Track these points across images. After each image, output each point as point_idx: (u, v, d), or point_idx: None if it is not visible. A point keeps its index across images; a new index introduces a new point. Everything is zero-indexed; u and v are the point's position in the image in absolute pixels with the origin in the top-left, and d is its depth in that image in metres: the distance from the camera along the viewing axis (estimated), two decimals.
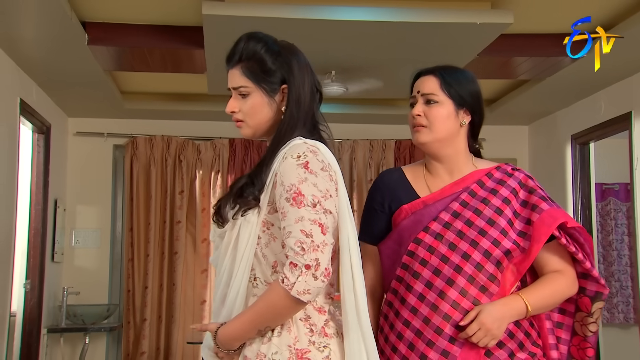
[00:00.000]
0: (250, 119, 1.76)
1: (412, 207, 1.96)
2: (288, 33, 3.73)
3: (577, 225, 1.90)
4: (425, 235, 1.91)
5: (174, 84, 5.25)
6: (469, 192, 1.93)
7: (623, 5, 3.63)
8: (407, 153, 5.92)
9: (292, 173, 1.64)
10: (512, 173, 1.96)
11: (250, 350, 1.68)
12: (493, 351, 1.84)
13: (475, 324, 1.78)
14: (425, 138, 1.95)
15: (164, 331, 5.65)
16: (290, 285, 1.57)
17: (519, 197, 1.92)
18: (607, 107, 4.73)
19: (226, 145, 5.83)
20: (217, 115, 5.56)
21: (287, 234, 1.61)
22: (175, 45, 3.94)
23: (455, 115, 1.95)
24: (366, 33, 3.77)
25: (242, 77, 1.76)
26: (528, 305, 1.85)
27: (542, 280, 1.92)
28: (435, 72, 1.98)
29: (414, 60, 4.19)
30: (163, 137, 5.78)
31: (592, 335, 1.92)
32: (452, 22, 3.55)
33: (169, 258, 5.71)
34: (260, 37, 1.79)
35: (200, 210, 5.78)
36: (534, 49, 4.02)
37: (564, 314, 1.97)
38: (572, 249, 1.88)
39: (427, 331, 1.85)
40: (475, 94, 1.98)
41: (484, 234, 1.86)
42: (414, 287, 1.89)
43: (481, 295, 1.84)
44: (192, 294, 5.72)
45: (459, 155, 1.97)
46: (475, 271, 1.85)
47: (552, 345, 1.93)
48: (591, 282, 1.92)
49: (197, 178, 5.82)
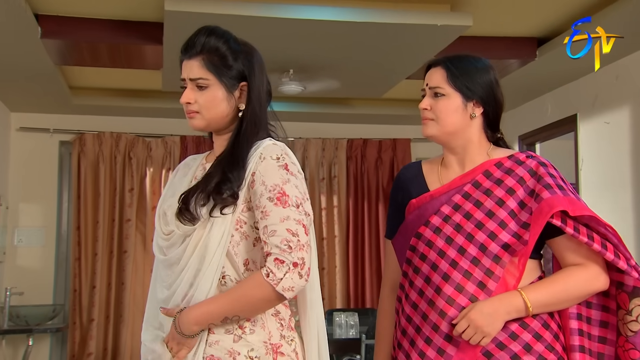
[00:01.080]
0: (206, 111, 1.75)
1: (420, 201, 1.90)
2: (249, 31, 3.76)
3: (585, 214, 1.72)
4: (425, 229, 1.85)
5: (125, 79, 5.16)
6: (472, 184, 1.84)
7: (577, 9, 3.76)
8: (359, 152, 5.99)
9: (275, 174, 1.67)
10: (524, 161, 1.84)
11: (218, 349, 1.66)
12: (493, 352, 1.74)
13: (464, 321, 1.71)
14: (432, 131, 1.89)
15: (112, 331, 5.56)
16: (277, 280, 1.59)
17: (527, 187, 1.79)
18: (554, 109, 4.89)
19: (177, 143, 5.76)
20: (168, 112, 5.49)
21: (270, 233, 1.62)
22: (131, 41, 3.87)
23: (464, 108, 1.86)
24: (326, 32, 3.79)
25: (202, 69, 1.74)
26: (527, 302, 1.72)
27: (555, 275, 1.78)
28: (442, 63, 1.90)
29: (371, 61, 4.26)
30: (112, 134, 5.67)
31: (633, 335, 1.72)
32: (412, 23, 3.60)
33: (118, 257, 5.61)
34: (221, 32, 1.78)
35: (151, 208, 5.70)
36: (487, 51, 4.12)
37: (607, 311, 1.79)
38: (584, 240, 1.71)
39: (425, 328, 1.79)
40: (487, 84, 1.88)
41: (481, 226, 1.78)
42: (415, 282, 1.84)
43: (479, 292, 1.74)
44: (141, 293, 5.63)
45: (471, 146, 1.89)
46: (471, 266, 1.76)
47: (575, 347, 1.77)
48: (627, 276, 1.73)
49: (148, 176, 5.73)
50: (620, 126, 4.18)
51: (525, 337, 1.74)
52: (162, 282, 1.76)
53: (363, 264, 5.91)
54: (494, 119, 1.92)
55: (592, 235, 1.73)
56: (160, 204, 1.84)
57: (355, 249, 5.90)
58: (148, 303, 1.88)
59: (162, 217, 1.79)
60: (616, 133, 4.21)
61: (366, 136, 6.02)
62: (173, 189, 1.84)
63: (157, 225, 1.79)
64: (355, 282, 5.89)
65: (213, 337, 1.67)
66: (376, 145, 6.01)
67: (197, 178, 1.81)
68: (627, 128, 4.13)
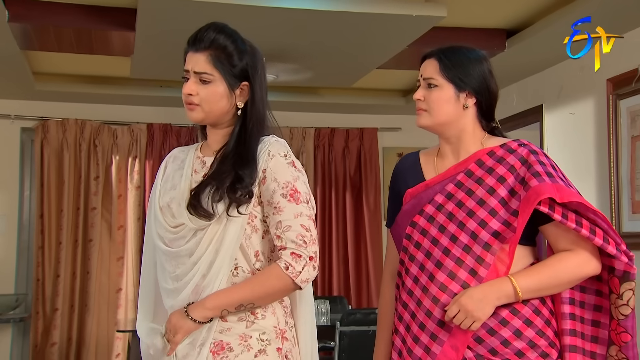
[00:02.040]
0: (206, 105, 1.79)
1: (415, 191, 1.95)
2: (222, 18, 3.71)
3: (572, 201, 1.76)
4: (420, 218, 1.91)
5: (90, 65, 5.07)
6: (465, 173, 1.88)
7: (546, 2, 3.83)
8: (327, 141, 6.02)
9: (286, 171, 1.76)
10: (516, 149, 1.87)
11: (229, 335, 1.74)
12: (484, 338, 1.79)
13: (455, 306, 1.75)
14: (425, 122, 1.94)
15: (77, 321, 5.49)
16: (297, 273, 1.71)
17: (518, 175, 1.83)
18: (520, 100, 4.99)
19: (144, 131, 5.70)
20: (135, 99, 5.43)
21: (285, 228, 1.73)
22: (102, 27, 3.82)
23: (456, 99, 1.90)
24: (300, 21, 3.79)
25: (208, 64, 1.78)
26: (517, 287, 1.76)
27: (545, 261, 1.83)
28: (436, 55, 1.94)
29: (344, 50, 4.28)
30: (77, 121, 5.57)
31: (625, 318, 1.77)
32: (387, 13, 3.62)
33: (83, 245, 5.54)
34: (230, 31, 1.83)
35: (117, 196, 5.63)
36: (458, 42, 4.14)
37: (600, 295, 1.84)
38: (572, 226, 1.75)
39: (419, 313, 1.85)
40: (480, 74, 1.91)
41: (472, 214, 1.82)
42: (410, 269, 1.90)
43: (471, 279, 1.79)
44: (107, 282, 5.58)
45: (465, 135, 1.93)
46: (463, 253, 1.81)
47: (566, 331, 1.82)
48: (617, 260, 1.76)
49: (114, 164, 5.66)
50: (585, 117, 4.29)
51: (515, 323, 1.78)
52: (169, 274, 1.79)
53: (330, 253, 5.95)
54: (487, 109, 1.96)
55: (581, 221, 1.77)
56: (157, 197, 1.87)
57: (322, 238, 5.93)
58: (141, 295, 1.91)
59: (166, 209, 1.82)
60: (581, 123, 4.32)
61: (334, 125, 6.05)
62: (172, 182, 1.87)
63: (160, 217, 1.82)
64: (322, 271, 5.93)
65: (225, 325, 1.74)
66: (343, 135, 6.05)
67: (197, 171, 1.85)
68: (592, 119, 4.24)
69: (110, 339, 5.55)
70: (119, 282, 5.61)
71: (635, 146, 3.86)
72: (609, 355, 1.82)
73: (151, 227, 1.87)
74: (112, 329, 5.53)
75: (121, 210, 5.64)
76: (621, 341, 1.78)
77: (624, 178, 3.91)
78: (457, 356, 1.78)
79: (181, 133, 5.76)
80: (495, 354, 1.78)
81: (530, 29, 4.12)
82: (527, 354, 1.78)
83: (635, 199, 3.85)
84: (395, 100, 5.79)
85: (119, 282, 5.61)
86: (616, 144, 3.97)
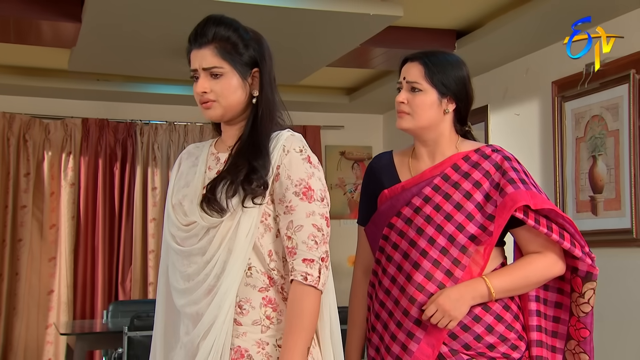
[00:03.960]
0: (224, 99, 1.74)
1: (392, 192, 1.99)
2: (170, 11, 3.62)
3: (544, 207, 1.87)
4: (397, 219, 1.95)
5: (21, 56, 4.81)
6: (442, 177, 1.94)
7: (495, 4, 3.89)
8: None
9: (300, 168, 1.70)
10: (490, 155, 1.94)
11: (245, 340, 1.68)
12: (458, 334, 1.87)
13: (432, 306, 1.82)
14: (407, 124, 1.97)
15: (4, 324, 5.23)
16: (316, 279, 1.65)
17: (492, 180, 1.90)
18: None
19: (78, 125, 5.47)
20: (70, 93, 5.21)
21: (297, 228, 1.67)
22: (46, 17, 3.62)
23: (439, 104, 1.95)
24: (255, 17, 3.70)
25: (215, 57, 1.73)
26: (491, 288, 1.85)
27: (516, 262, 1.94)
28: (420, 59, 1.97)
29: (295, 47, 4.22)
30: (4, 114, 5.29)
31: (585, 316, 1.90)
32: (344, 11, 3.60)
33: (12, 245, 5.28)
34: (230, 21, 1.78)
35: (49, 194, 5.39)
36: (409, 42, 4.19)
37: (562, 293, 1.96)
38: (544, 230, 1.86)
39: (397, 312, 1.91)
40: (461, 80, 1.97)
41: (450, 218, 1.89)
42: (388, 270, 1.95)
43: (447, 280, 1.87)
44: (37, 283, 5.34)
45: (442, 138, 1.98)
46: (440, 255, 1.87)
47: (533, 327, 1.93)
48: (581, 262, 1.89)
49: (46, 160, 5.41)
50: (530, 118, 4.39)
51: (487, 319, 1.88)
52: (180, 273, 1.75)
53: None
54: (464, 114, 2.03)
55: (551, 225, 1.88)
56: (171, 195, 1.83)
57: None
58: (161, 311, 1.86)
59: (178, 207, 1.78)
60: (526, 125, 4.42)
61: None
62: (185, 180, 1.82)
63: (172, 215, 1.78)
64: None
65: (241, 329, 1.69)
66: None
67: (211, 168, 1.80)
68: (537, 120, 4.34)
69: (41, 343, 5.32)
70: (50, 284, 5.38)
71: (579, 147, 3.97)
72: (567, 349, 1.95)
73: (164, 226, 1.83)
74: (43, 333, 5.31)
75: (54, 208, 5.40)
76: (580, 336, 1.92)
77: (568, 178, 4.02)
78: (433, 353, 1.86)
79: (118, 128, 5.56)
80: (468, 349, 1.88)
81: (479, 30, 4.18)
82: (497, 347, 1.89)
83: (579, 199, 3.97)
84: (339, 99, 5.78)
85: (50, 284, 5.38)
86: (561, 146, 4.07)
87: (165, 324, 1.85)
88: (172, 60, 4.25)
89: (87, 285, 5.46)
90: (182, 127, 5.74)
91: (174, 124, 5.71)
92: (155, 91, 5.33)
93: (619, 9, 3.55)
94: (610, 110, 3.77)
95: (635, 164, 3.57)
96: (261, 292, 1.70)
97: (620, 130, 3.69)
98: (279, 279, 1.72)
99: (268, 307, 1.70)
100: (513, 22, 3.89)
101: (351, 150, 6.12)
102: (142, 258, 5.53)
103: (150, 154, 5.60)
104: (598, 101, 3.84)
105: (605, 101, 3.79)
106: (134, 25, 3.75)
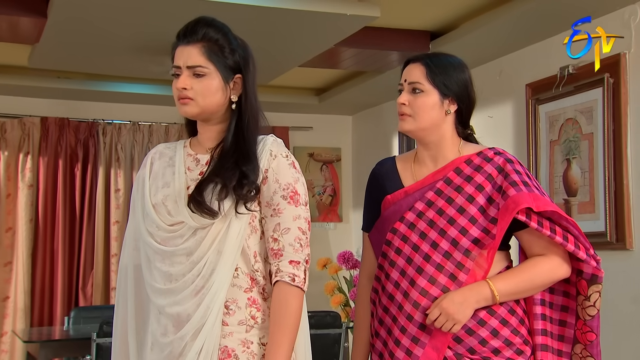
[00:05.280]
0: (202, 99, 1.77)
1: (395, 197, 2.00)
2: (141, 8, 3.48)
3: (547, 209, 1.85)
4: (401, 224, 1.95)
5: None
6: (444, 181, 1.95)
7: (470, 6, 3.87)
8: None
9: (287, 172, 1.77)
10: (492, 158, 1.94)
11: (232, 340, 1.72)
12: (463, 338, 1.87)
13: (436, 309, 1.83)
14: (409, 126, 1.97)
15: None
16: (302, 280, 1.73)
17: (495, 183, 1.90)
18: None
19: (37, 125, 5.27)
20: (28, 90, 5.04)
21: (284, 230, 1.73)
22: (9, 12, 3.46)
23: (440, 105, 1.95)
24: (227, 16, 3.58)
25: (202, 57, 1.76)
26: (494, 291, 1.85)
27: (520, 265, 1.94)
28: (422, 60, 1.98)
29: (268, 47, 4.12)
30: None
31: (591, 319, 1.90)
32: (320, 11, 3.55)
33: None
34: (221, 25, 1.83)
35: (5, 195, 5.19)
36: (383, 43, 4.16)
37: (568, 297, 1.96)
38: (547, 233, 1.85)
39: (400, 318, 1.91)
40: (462, 82, 1.97)
41: (453, 222, 1.89)
42: (391, 275, 1.95)
43: (450, 283, 1.87)
44: None
45: (444, 141, 1.98)
46: (443, 259, 1.88)
47: (538, 331, 1.92)
48: (586, 264, 1.88)
49: (2, 160, 5.21)
50: (504, 121, 4.38)
51: (492, 323, 1.88)
52: (161, 273, 1.75)
53: None
54: (466, 116, 2.03)
55: (555, 228, 1.87)
56: (147, 194, 1.82)
57: None
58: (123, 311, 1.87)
59: (160, 207, 1.78)
60: (500, 127, 4.40)
61: None
62: (163, 180, 1.83)
63: (153, 215, 1.78)
64: None
65: (227, 329, 1.73)
66: None
67: (191, 169, 1.82)
68: (511, 123, 4.34)
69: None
70: (6, 290, 5.18)
71: (553, 150, 3.97)
72: (574, 353, 1.94)
73: (139, 225, 1.81)
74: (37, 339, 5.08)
75: (10, 210, 5.20)
76: (587, 340, 1.92)
77: (542, 181, 4.02)
78: (438, 357, 1.86)
79: (80, 128, 5.38)
80: (473, 353, 1.87)
81: (454, 32, 4.16)
82: (503, 351, 1.88)
83: (554, 202, 3.97)
84: (309, 99, 5.71)
85: (6, 290, 5.18)
86: (535, 148, 4.07)
87: (137, 323, 1.85)
88: (139, 59, 4.13)
89: (45, 290, 5.27)
90: (146, 127, 5.58)
91: (138, 124, 5.56)
92: (118, 90, 5.19)
93: (596, 13, 3.56)
94: (585, 113, 3.78)
95: (609, 167, 3.58)
96: (246, 292, 1.75)
97: (594, 133, 3.71)
98: (261, 279, 1.77)
99: (253, 307, 1.75)
100: (488, 25, 3.88)
101: (320, 151, 6.06)
102: (105, 262, 5.36)
103: (113, 154, 5.44)
104: (572, 104, 3.85)
105: (580, 104, 3.80)
106: (103, 22, 3.62)
